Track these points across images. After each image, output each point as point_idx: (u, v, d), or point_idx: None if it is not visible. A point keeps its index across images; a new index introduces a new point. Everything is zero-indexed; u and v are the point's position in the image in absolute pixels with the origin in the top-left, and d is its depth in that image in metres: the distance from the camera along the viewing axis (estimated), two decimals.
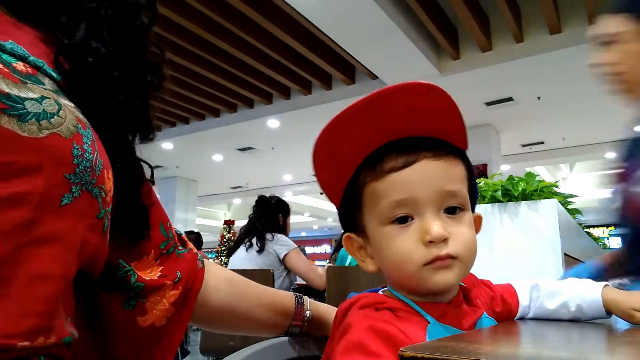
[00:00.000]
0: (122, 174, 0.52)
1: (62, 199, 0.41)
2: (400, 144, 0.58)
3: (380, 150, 0.58)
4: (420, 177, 0.56)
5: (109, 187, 0.48)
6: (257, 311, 0.71)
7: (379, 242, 0.59)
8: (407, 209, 0.56)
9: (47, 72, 0.45)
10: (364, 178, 0.59)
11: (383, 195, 0.57)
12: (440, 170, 0.57)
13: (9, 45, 0.43)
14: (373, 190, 0.58)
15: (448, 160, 0.59)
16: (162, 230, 0.61)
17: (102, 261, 0.49)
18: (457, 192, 0.58)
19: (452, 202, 0.57)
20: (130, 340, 0.57)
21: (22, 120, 0.39)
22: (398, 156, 0.57)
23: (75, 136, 0.43)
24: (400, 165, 0.57)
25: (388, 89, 0.56)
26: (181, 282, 0.61)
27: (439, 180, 0.57)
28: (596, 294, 0.66)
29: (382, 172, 0.57)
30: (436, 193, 0.56)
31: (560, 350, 0.48)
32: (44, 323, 0.40)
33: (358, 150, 0.59)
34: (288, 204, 2.97)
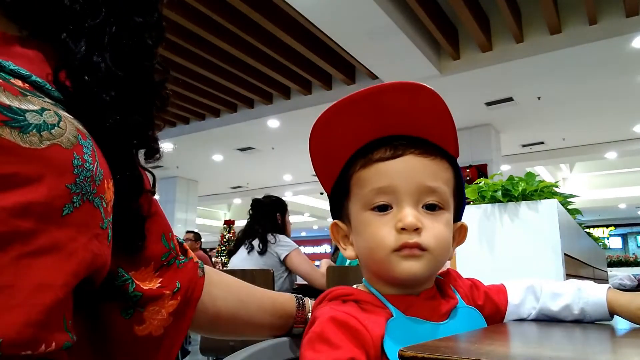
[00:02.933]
0: (122, 184, 0.52)
1: (64, 209, 0.41)
2: (392, 139, 0.61)
3: (373, 143, 0.62)
4: (404, 168, 0.60)
5: (109, 197, 0.48)
6: (258, 316, 0.71)
7: (358, 227, 0.62)
8: (387, 198, 0.59)
9: (49, 91, 0.46)
10: (354, 167, 0.63)
11: (367, 182, 0.61)
12: (424, 167, 0.60)
13: (10, 65, 0.43)
14: (359, 177, 0.62)
15: (435, 160, 0.62)
16: (163, 242, 0.61)
17: (106, 270, 0.49)
18: (437, 190, 0.60)
19: (431, 199, 0.60)
20: (127, 348, 0.57)
21: (23, 131, 0.39)
22: (387, 149, 0.61)
23: (75, 147, 0.43)
24: (388, 156, 0.60)
25: (385, 85, 0.59)
26: (180, 292, 0.61)
27: (421, 175, 0.60)
28: (600, 297, 0.65)
29: (370, 161, 0.61)
30: (416, 186, 0.59)
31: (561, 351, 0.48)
32: (45, 332, 0.40)
33: (352, 142, 0.63)
34: (284, 201, 2.95)
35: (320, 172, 0.66)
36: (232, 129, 7.99)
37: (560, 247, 1.86)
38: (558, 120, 7.53)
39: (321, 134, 0.62)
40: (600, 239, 4.24)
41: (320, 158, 0.65)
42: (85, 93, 0.49)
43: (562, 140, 8.80)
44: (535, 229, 1.92)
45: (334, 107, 0.60)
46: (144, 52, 0.56)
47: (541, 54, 5.28)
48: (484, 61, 5.61)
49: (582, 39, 5.06)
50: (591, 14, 4.81)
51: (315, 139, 0.63)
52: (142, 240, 0.57)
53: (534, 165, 10.56)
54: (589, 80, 5.95)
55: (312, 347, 0.54)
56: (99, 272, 0.47)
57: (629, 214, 16.99)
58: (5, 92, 0.40)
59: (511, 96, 6.49)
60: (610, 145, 9.06)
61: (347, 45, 5.23)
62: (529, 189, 2.00)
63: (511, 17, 4.90)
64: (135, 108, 0.53)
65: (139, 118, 0.54)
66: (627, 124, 7.86)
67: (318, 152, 0.64)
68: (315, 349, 0.53)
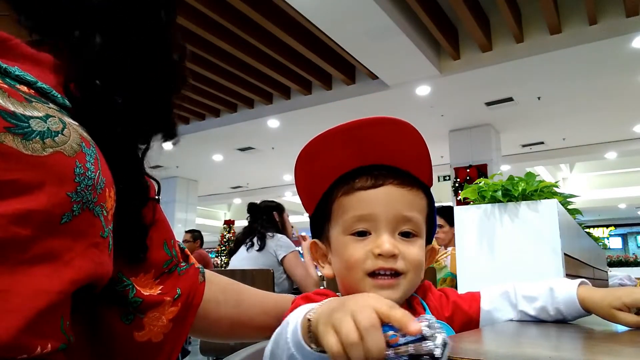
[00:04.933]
0: (126, 193, 0.52)
1: (62, 217, 0.41)
2: (372, 168, 0.66)
3: (354, 172, 0.67)
4: (384, 198, 0.64)
5: (110, 206, 0.48)
6: (259, 318, 0.71)
7: (337, 249, 0.66)
8: (366, 225, 0.63)
9: (54, 97, 0.45)
10: (336, 193, 0.67)
11: (349, 209, 0.65)
12: (402, 197, 0.65)
13: (15, 71, 0.43)
14: (341, 204, 0.66)
15: (411, 190, 0.66)
16: (165, 249, 0.61)
17: (107, 277, 0.49)
18: (412, 219, 0.65)
19: (407, 227, 0.64)
20: (126, 354, 0.57)
21: (26, 138, 0.39)
22: (368, 178, 0.65)
23: (78, 154, 0.43)
24: (369, 185, 0.65)
25: (367, 120, 0.64)
26: (181, 299, 0.61)
27: (399, 205, 0.64)
28: (571, 294, 0.66)
29: (352, 189, 0.65)
30: (394, 215, 0.63)
31: (560, 350, 0.48)
32: (41, 337, 0.40)
33: (334, 170, 0.67)
34: (280, 203, 2.96)
35: (304, 195, 0.71)
36: (232, 129, 7.98)
37: (560, 247, 1.86)
38: (558, 120, 7.52)
39: (306, 162, 0.67)
40: (600, 239, 4.24)
41: (304, 183, 0.69)
42: (96, 98, 0.48)
43: (562, 140, 8.80)
44: (535, 229, 1.92)
45: (319, 137, 0.65)
46: (160, 28, 0.55)
47: (541, 54, 5.27)
48: (484, 61, 5.61)
49: (582, 39, 5.05)
50: (591, 14, 4.81)
51: (301, 166, 0.67)
52: (143, 252, 0.57)
53: (534, 165, 10.56)
54: (589, 80, 5.95)
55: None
56: (100, 281, 0.47)
57: (629, 214, 16.98)
58: (10, 98, 0.40)
59: (511, 96, 6.49)
60: (610, 145, 9.05)
61: (347, 45, 5.23)
62: (529, 189, 2.00)
63: (511, 17, 4.89)
64: (147, 110, 0.53)
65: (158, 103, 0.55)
66: (627, 124, 7.85)
67: (302, 177, 0.69)
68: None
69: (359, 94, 6.49)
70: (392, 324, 0.37)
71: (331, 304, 0.43)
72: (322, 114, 7.15)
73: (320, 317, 0.41)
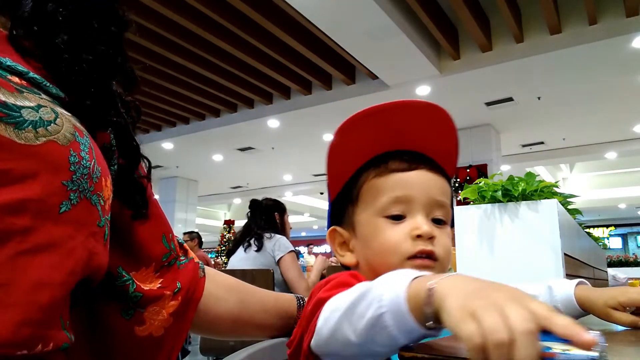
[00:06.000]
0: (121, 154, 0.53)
1: (61, 206, 0.41)
2: (402, 153, 0.64)
3: (385, 155, 0.65)
4: (419, 181, 0.63)
5: (107, 195, 0.48)
6: (259, 316, 0.71)
7: (368, 233, 0.63)
8: (402, 207, 0.61)
9: (46, 88, 0.45)
10: (367, 175, 0.64)
11: (384, 191, 0.62)
12: (435, 182, 0.64)
13: (7, 62, 0.43)
14: (374, 185, 0.63)
15: (441, 177, 0.65)
16: (164, 242, 0.61)
17: (103, 270, 0.49)
18: (444, 205, 0.64)
19: (439, 214, 0.63)
20: (128, 349, 0.57)
21: (18, 127, 0.39)
22: (402, 161, 0.63)
23: (72, 143, 0.43)
24: (404, 167, 0.63)
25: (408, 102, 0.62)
26: (181, 293, 0.60)
27: (434, 189, 0.63)
28: (569, 293, 0.67)
29: (387, 171, 0.63)
30: (429, 199, 0.62)
31: None
32: (42, 331, 0.39)
33: (364, 152, 0.65)
34: (282, 203, 2.96)
35: (332, 176, 0.67)
36: (232, 129, 7.98)
37: (560, 247, 1.86)
38: (558, 120, 7.53)
39: (340, 140, 0.64)
40: (600, 239, 4.24)
41: (335, 163, 0.66)
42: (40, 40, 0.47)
43: (562, 140, 8.80)
44: (535, 229, 1.92)
45: (355, 116, 0.62)
46: None
47: (541, 54, 5.27)
48: (484, 61, 5.61)
49: (582, 39, 5.05)
50: (591, 14, 4.81)
51: (335, 144, 0.64)
52: (145, 208, 0.57)
53: (534, 165, 10.56)
54: (589, 80, 5.95)
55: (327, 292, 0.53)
56: (96, 273, 0.47)
57: (629, 214, 16.99)
58: (1, 88, 0.39)
59: (511, 96, 6.49)
60: (610, 145, 9.05)
61: (347, 45, 5.23)
62: (529, 189, 2.00)
63: (511, 17, 4.89)
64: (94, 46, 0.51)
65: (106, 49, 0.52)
66: (627, 124, 7.85)
67: (333, 158, 0.66)
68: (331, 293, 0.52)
69: (359, 94, 6.49)
70: (552, 333, 0.31)
71: (464, 282, 0.38)
72: (322, 114, 7.15)
73: (450, 295, 0.37)
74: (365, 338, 0.44)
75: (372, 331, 0.43)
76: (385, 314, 0.42)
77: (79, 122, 0.46)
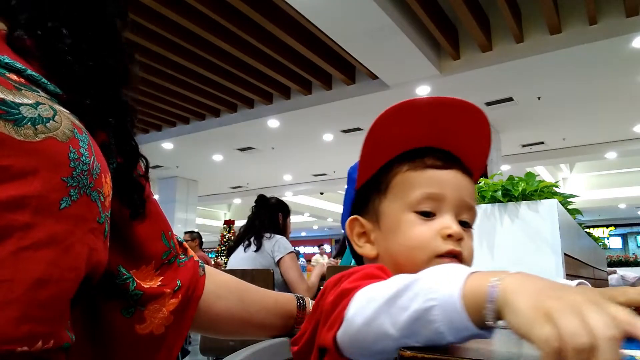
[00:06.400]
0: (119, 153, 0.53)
1: (61, 202, 0.41)
2: (437, 151, 0.63)
3: (419, 150, 0.63)
4: (454, 181, 0.62)
5: (107, 192, 0.48)
6: (259, 316, 0.71)
7: (395, 226, 0.62)
8: (433, 205, 0.61)
9: (45, 85, 0.45)
10: (400, 167, 0.63)
11: (417, 185, 0.61)
12: (466, 184, 0.63)
13: (5, 59, 0.43)
14: (407, 178, 0.62)
15: (470, 180, 0.65)
16: (164, 240, 0.61)
17: (102, 267, 0.48)
18: (473, 208, 0.64)
19: (467, 217, 0.63)
20: (128, 348, 0.57)
21: (17, 124, 0.39)
22: (437, 158, 0.62)
23: (71, 140, 0.43)
24: (440, 165, 0.62)
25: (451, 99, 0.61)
26: (181, 291, 0.61)
27: (464, 191, 0.62)
28: None
29: (422, 165, 0.62)
30: (460, 201, 0.61)
31: None
32: (43, 328, 0.39)
33: (403, 142, 0.64)
34: (288, 206, 2.96)
35: (364, 162, 0.65)
36: (232, 129, 7.98)
37: (560, 247, 1.86)
38: (558, 120, 7.53)
39: (379, 128, 0.61)
40: (600, 239, 4.24)
41: (370, 149, 0.63)
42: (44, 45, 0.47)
43: (562, 140, 8.80)
44: (535, 229, 1.92)
45: (399, 105, 0.60)
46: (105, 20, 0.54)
47: (541, 54, 5.27)
48: (484, 61, 5.61)
49: (582, 39, 5.05)
50: (591, 14, 4.81)
51: (373, 131, 0.62)
52: (143, 207, 0.57)
53: (534, 165, 10.56)
54: (589, 80, 5.95)
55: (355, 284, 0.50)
56: (96, 270, 0.47)
57: (629, 214, 16.99)
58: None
59: (511, 96, 6.49)
60: (610, 145, 9.05)
61: (347, 45, 5.23)
62: (529, 189, 2.01)
63: (511, 17, 4.89)
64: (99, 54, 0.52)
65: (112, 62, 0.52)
66: (627, 124, 7.86)
67: (371, 143, 0.63)
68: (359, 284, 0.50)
69: (359, 94, 6.49)
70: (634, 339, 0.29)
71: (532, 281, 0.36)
72: (322, 114, 7.16)
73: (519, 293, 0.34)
74: (406, 331, 0.42)
75: (414, 325, 0.41)
76: (435, 307, 0.39)
77: (77, 119, 0.46)
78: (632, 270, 8.65)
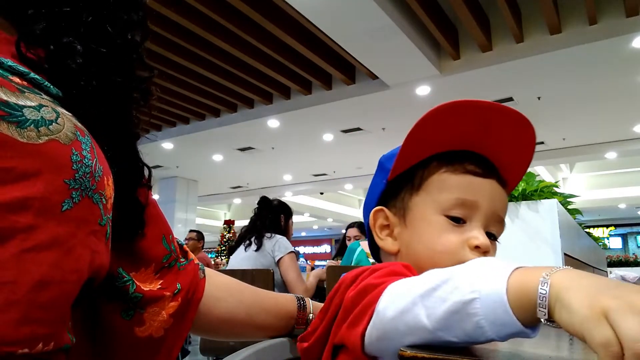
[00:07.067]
0: (123, 172, 0.52)
1: (63, 204, 0.41)
2: (478, 157, 0.62)
3: (460, 153, 0.62)
4: (490, 191, 0.61)
5: (109, 194, 0.48)
6: (259, 317, 0.71)
7: (422, 226, 0.61)
8: (465, 211, 0.60)
9: (47, 88, 0.45)
10: (437, 167, 0.62)
11: (453, 188, 0.60)
12: (501, 196, 0.63)
13: (8, 62, 0.43)
14: (445, 180, 0.61)
15: (505, 193, 0.64)
16: (164, 243, 0.61)
17: (104, 269, 0.48)
18: (502, 222, 0.63)
19: (495, 229, 0.62)
20: (127, 350, 0.57)
21: (20, 126, 0.39)
22: (478, 165, 0.61)
23: (74, 142, 0.43)
24: (480, 172, 0.61)
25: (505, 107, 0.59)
26: (181, 294, 0.61)
27: (499, 204, 0.62)
28: None
29: (462, 169, 0.61)
30: (493, 212, 0.61)
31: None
32: (44, 330, 0.39)
33: (448, 141, 0.62)
34: (290, 208, 2.97)
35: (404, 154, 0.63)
36: (232, 129, 7.98)
37: (560, 247, 1.86)
38: (558, 120, 7.53)
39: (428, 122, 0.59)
40: (600, 239, 4.24)
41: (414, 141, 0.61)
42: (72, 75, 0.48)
43: (562, 140, 8.80)
44: (535, 229, 1.92)
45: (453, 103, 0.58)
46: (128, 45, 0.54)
47: (541, 54, 5.27)
48: (484, 61, 5.61)
49: (582, 39, 5.05)
50: (591, 14, 4.81)
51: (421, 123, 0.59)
52: (142, 228, 0.57)
53: (534, 165, 10.55)
54: (589, 80, 5.95)
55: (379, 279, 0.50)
56: (98, 272, 0.47)
57: (629, 214, 16.99)
58: (2, 88, 0.39)
59: (511, 96, 6.49)
60: (610, 145, 9.05)
61: (347, 45, 5.23)
62: (529, 189, 2.01)
63: (511, 17, 4.89)
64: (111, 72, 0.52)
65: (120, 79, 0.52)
66: (627, 124, 7.85)
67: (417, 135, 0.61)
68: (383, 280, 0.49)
69: (359, 94, 6.49)
70: None
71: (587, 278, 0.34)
72: (322, 114, 7.16)
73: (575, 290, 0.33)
74: (442, 324, 0.40)
75: (452, 317, 0.39)
76: (477, 300, 0.38)
77: (79, 121, 0.46)
78: (632, 270, 8.65)
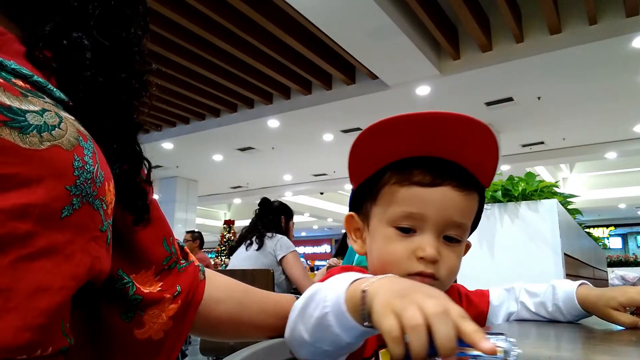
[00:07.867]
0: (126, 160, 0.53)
1: (62, 211, 0.41)
2: (431, 161, 0.61)
3: (412, 160, 0.62)
4: (439, 200, 0.60)
5: (109, 199, 0.47)
6: (259, 318, 0.70)
7: (376, 237, 0.64)
8: (413, 222, 0.60)
9: (50, 91, 0.45)
10: (389, 178, 0.63)
11: (400, 202, 0.61)
12: (457, 202, 0.61)
13: (11, 65, 0.43)
14: (393, 192, 0.62)
15: (468, 194, 0.62)
16: (165, 246, 0.61)
17: (104, 274, 0.48)
18: (462, 226, 0.62)
19: (454, 233, 0.62)
20: (127, 352, 0.57)
21: (23, 132, 0.38)
22: (427, 173, 0.61)
23: (76, 148, 0.43)
24: (427, 182, 0.60)
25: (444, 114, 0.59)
26: (180, 296, 0.60)
27: (452, 210, 0.61)
28: (570, 293, 0.68)
29: (408, 182, 0.61)
30: (445, 220, 0.60)
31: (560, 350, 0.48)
32: (42, 336, 0.39)
33: (393, 152, 0.63)
34: (291, 209, 2.98)
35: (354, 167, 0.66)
36: (232, 129, 7.98)
37: (560, 247, 1.87)
38: (558, 120, 7.53)
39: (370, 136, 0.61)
40: (600, 239, 4.24)
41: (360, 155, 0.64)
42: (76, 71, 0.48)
43: (562, 140, 8.80)
44: (535, 229, 1.92)
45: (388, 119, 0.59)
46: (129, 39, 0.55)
47: (541, 54, 5.27)
48: (484, 61, 5.61)
49: (582, 39, 5.05)
50: (591, 14, 4.81)
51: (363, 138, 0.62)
52: (147, 213, 0.57)
53: (534, 165, 10.56)
54: (589, 80, 5.94)
55: None
56: (98, 277, 0.47)
57: (629, 214, 16.98)
58: (5, 92, 0.39)
59: (511, 96, 6.49)
60: (610, 145, 9.05)
61: (347, 45, 5.23)
62: (529, 189, 2.01)
63: (511, 17, 4.89)
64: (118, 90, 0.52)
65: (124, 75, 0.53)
66: (627, 124, 7.85)
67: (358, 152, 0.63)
68: None
69: (359, 94, 6.49)
70: (460, 338, 0.33)
71: (392, 283, 0.41)
72: (322, 114, 7.15)
73: (378, 295, 0.40)
74: (316, 337, 0.48)
75: (318, 330, 0.47)
76: (329, 314, 0.45)
77: (82, 126, 0.46)
78: (632, 270, 8.65)
